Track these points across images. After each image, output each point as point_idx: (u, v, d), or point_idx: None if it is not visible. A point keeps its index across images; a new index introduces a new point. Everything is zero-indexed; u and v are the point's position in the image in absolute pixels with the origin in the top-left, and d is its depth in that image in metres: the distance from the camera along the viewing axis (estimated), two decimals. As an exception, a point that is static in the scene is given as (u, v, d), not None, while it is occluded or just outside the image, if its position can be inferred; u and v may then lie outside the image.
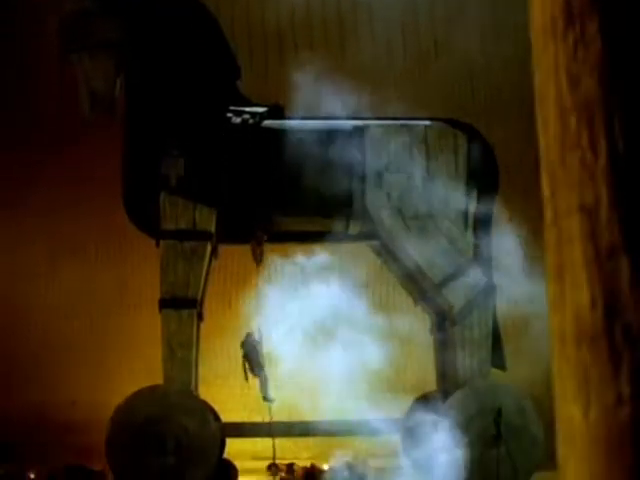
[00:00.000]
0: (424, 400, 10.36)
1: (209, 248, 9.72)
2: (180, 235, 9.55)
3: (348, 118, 9.93)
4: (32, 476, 9.92)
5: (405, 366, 11.90)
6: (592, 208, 1.51)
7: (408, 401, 10.44)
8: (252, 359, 9.38)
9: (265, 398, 9.34)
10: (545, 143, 1.60)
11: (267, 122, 9.87)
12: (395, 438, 10.30)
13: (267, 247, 9.77)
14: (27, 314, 12.07)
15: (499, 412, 9.11)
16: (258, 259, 9.41)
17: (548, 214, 1.60)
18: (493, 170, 10.06)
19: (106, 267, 12.09)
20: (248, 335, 9.48)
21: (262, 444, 9.72)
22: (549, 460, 8.58)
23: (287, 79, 10.87)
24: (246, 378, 9.38)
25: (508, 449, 9.07)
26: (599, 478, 1.51)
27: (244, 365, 9.34)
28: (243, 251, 10.04)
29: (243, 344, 9.48)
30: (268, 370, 9.50)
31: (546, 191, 1.61)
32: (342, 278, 10.57)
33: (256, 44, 12.62)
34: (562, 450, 1.59)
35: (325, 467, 10.94)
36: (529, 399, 9.45)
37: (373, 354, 9.33)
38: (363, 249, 10.69)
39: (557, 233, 1.57)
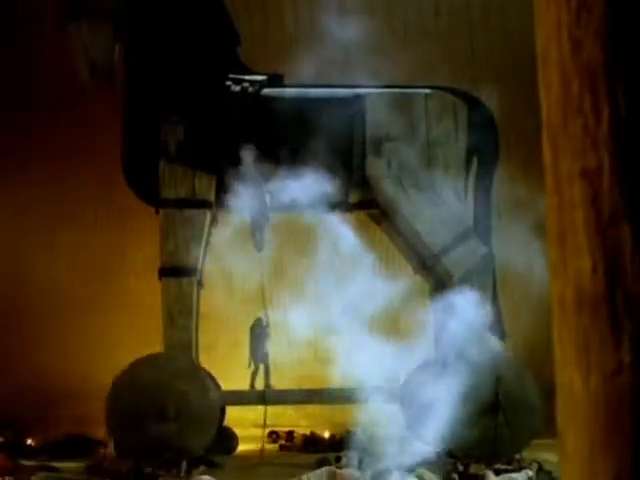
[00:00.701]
0: (423, 367, 10.39)
1: (209, 216, 9.72)
2: (180, 203, 9.55)
3: (348, 86, 9.89)
4: (32, 444, 9.97)
5: (404, 332, 11.91)
6: (594, 174, 1.49)
7: (406, 367, 10.47)
8: (257, 347, 9.45)
9: (266, 385, 9.46)
10: (547, 108, 1.58)
11: (267, 90, 9.83)
12: (394, 406, 10.35)
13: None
14: (27, 282, 12.07)
15: (497, 381, 9.15)
16: (259, 246, 9.45)
17: (549, 180, 1.58)
18: (493, 138, 10.04)
19: (106, 234, 12.07)
20: (257, 321, 9.53)
21: (262, 412, 9.76)
22: (547, 428, 8.63)
23: (287, 40, 10.80)
24: (249, 365, 9.49)
25: (506, 417, 9.12)
26: (598, 444, 1.51)
27: (250, 352, 9.46)
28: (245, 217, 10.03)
29: (251, 330, 9.53)
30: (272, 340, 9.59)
31: (548, 157, 1.59)
32: (342, 245, 10.54)
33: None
34: (562, 416, 1.59)
35: (326, 435, 11.02)
36: (528, 368, 9.48)
37: (372, 320, 9.36)
38: (363, 217, 10.67)
39: (559, 199, 1.56)
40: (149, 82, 9.61)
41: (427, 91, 9.85)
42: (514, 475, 7.96)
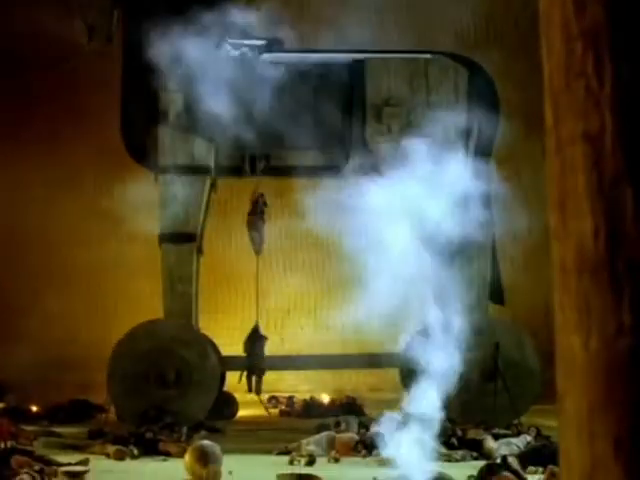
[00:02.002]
0: (422, 334, 10.42)
1: (208, 182, 9.70)
2: (179, 170, 9.53)
3: (348, 51, 9.82)
4: (34, 409, 10.02)
5: (405, 300, 11.92)
6: (596, 136, 1.47)
7: (405, 333, 10.50)
8: (254, 354, 9.42)
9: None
10: (549, 70, 1.56)
11: (265, 55, 9.77)
12: (394, 371, 10.39)
13: (266, 181, 9.73)
14: (25, 246, 12.07)
15: (497, 347, 9.18)
16: (258, 248, 9.49)
17: (551, 143, 1.56)
18: (494, 103, 9.99)
19: (104, 199, 12.03)
20: (253, 330, 9.51)
21: (263, 378, 9.80)
22: (546, 393, 8.67)
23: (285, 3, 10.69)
24: (246, 373, 9.45)
25: (505, 383, 9.16)
26: (597, 407, 1.51)
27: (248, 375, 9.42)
28: (243, 185, 10.00)
29: (248, 339, 9.48)
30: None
31: (549, 119, 1.57)
32: (340, 212, 10.48)
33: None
34: (561, 380, 1.59)
35: (325, 400, 11.07)
36: (527, 333, 9.51)
37: (373, 288, 9.36)
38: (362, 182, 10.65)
39: (560, 162, 1.54)
40: (148, 48, 9.55)
41: (427, 56, 9.80)
42: (513, 440, 8.02)
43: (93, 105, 11.46)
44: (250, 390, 9.39)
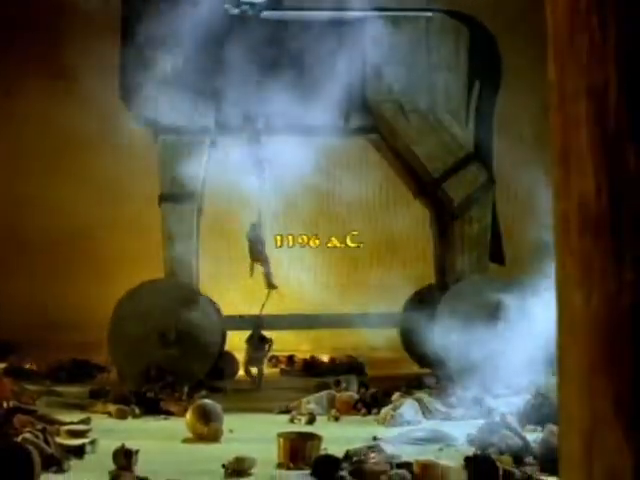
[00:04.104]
0: (422, 293, 10.45)
1: (208, 142, 9.65)
2: (178, 129, 9.47)
3: (348, 9, 9.72)
4: (34, 369, 10.06)
5: (404, 259, 11.95)
6: (600, 91, 1.45)
7: (406, 293, 10.53)
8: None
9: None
10: (553, 24, 1.53)
11: (266, 13, 9.68)
12: (394, 331, 10.43)
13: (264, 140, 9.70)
14: (23, 208, 12.06)
15: (498, 305, 9.18)
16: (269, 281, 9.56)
17: (554, 98, 1.54)
18: (496, 63, 9.91)
19: (105, 160, 12.00)
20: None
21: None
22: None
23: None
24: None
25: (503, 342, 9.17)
26: (599, 364, 1.51)
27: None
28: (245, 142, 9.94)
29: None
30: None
31: (552, 74, 1.55)
32: (340, 172, 10.51)
33: None
34: (562, 337, 1.58)
35: (325, 359, 11.11)
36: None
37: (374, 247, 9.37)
38: (363, 143, 10.61)
39: (563, 117, 1.52)
40: (147, 6, 9.46)
41: (429, 14, 9.70)
42: (512, 399, 8.04)
43: (90, 64, 11.37)
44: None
